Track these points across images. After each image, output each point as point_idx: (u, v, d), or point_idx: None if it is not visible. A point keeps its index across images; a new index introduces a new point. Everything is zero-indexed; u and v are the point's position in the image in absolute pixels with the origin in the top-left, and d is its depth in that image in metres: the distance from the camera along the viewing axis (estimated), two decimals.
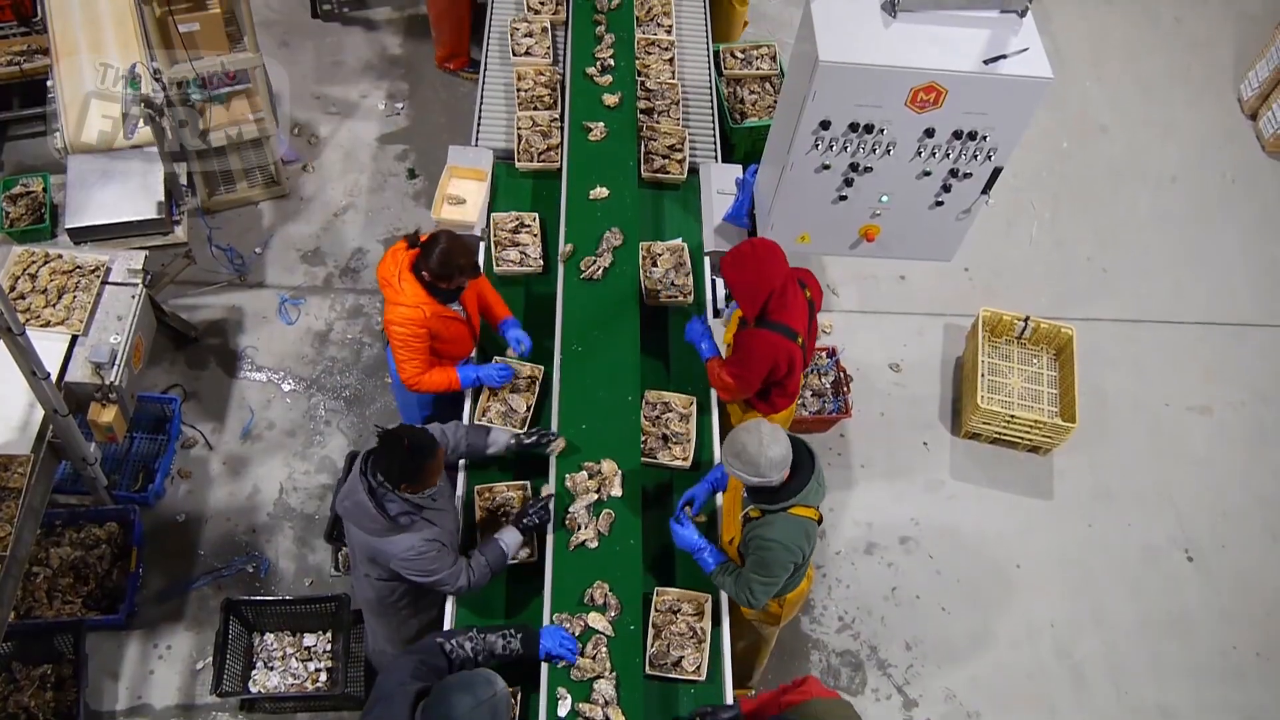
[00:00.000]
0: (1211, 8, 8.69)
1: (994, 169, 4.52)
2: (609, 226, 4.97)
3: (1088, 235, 7.18)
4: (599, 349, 4.61)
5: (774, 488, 3.78)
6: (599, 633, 3.91)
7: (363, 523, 3.80)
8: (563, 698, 3.77)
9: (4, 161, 6.65)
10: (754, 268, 4.26)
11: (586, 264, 4.85)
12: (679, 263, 5.13)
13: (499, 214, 5.24)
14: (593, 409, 4.45)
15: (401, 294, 4.29)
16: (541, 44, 5.95)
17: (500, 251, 5.12)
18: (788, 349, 4.38)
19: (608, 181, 5.14)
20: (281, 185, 6.62)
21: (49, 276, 5.01)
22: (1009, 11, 4.34)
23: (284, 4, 7.67)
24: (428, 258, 4.23)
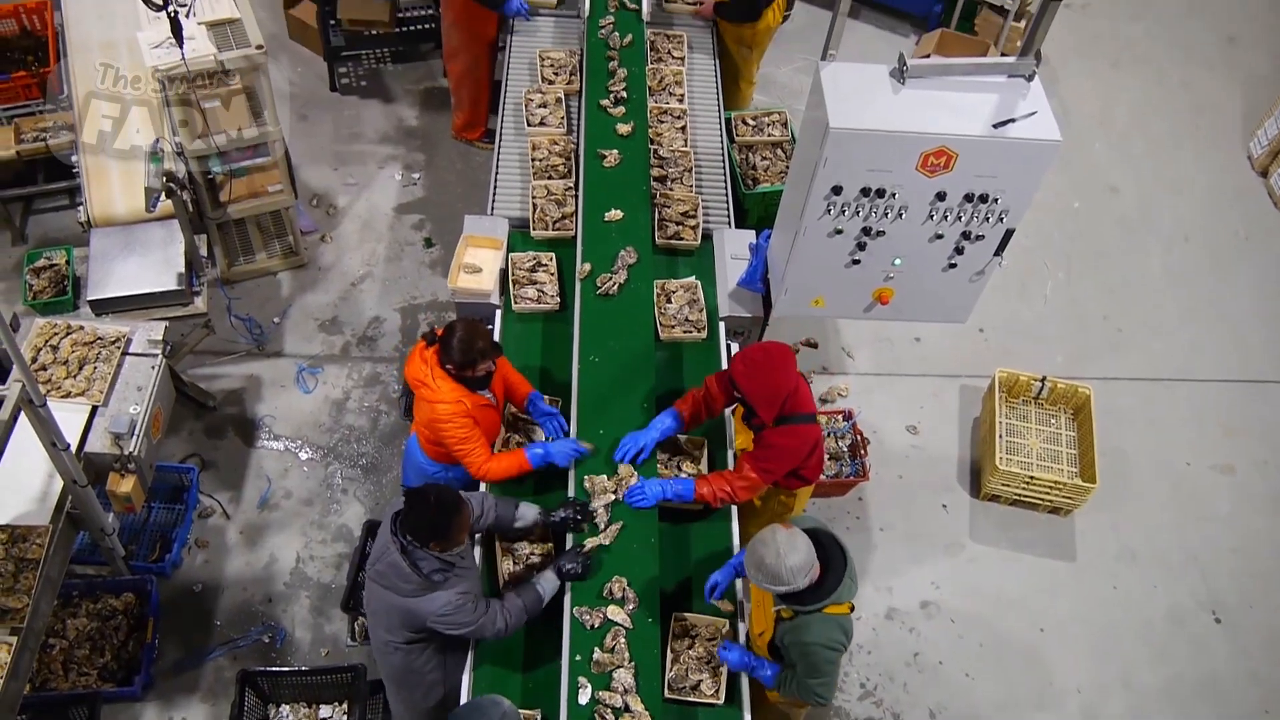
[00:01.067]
0: (1218, 68, 8.78)
1: (1006, 231, 4.55)
2: (624, 246, 5.15)
3: (1102, 294, 7.18)
4: (615, 360, 4.77)
5: (804, 591, 3.75)
6: (618, 624, 4.03)
7: (396, 585, 3.80)
8: (583, 687, 3.88)
9: (28, 235, 6.76)
10: (769, 373, 4.26)
11: (603, 280, 5.01)
12: (693, 299, 5.26)
13: (517, 254, 5.37)
14: (609, 416, 4.60)
15: (439, 392, 4.32)
16: (555, 114, 6.05)
17: (518, 289, 5.25)
18: (812, 433, 4.44)
19: (621, 204, 5.32)
20: (300, 255, 6.70)
21: (70, 348, 5.06)
22: (1016, 76, 4.39)
23: (303, 78, 7.83)
24: (449, 352, 4.26)
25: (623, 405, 4.62)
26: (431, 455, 4.75)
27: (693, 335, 5.15)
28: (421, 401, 4.45)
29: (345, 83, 7.83)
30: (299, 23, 7.90)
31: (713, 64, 6.59)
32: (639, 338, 4.87)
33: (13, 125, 6.45)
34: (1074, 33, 8.82)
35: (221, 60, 5.45)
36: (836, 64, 4.34)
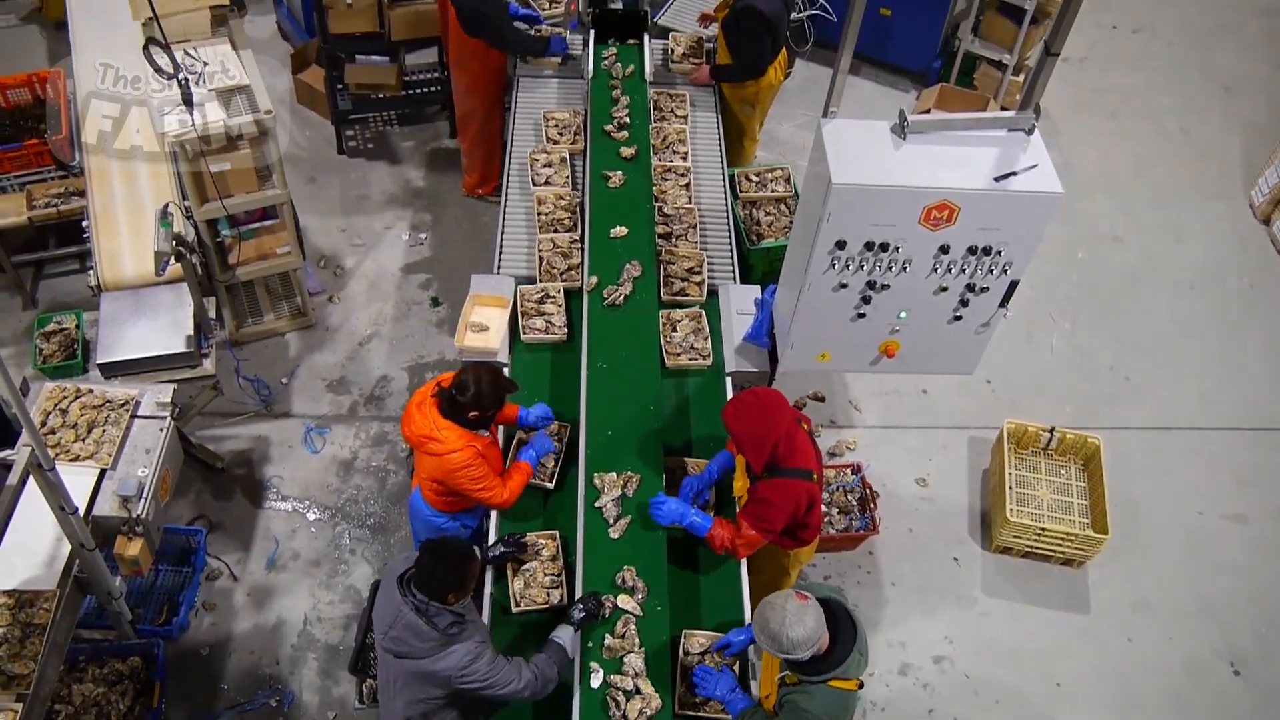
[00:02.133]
0: (1216, 117, 8.86)
1: (1010, 282, 4.55)
2: (629, 260, 5.42)
3: (1109, 344, 7.18)
4: (621, 366, 5.03)
5: (810, 660, 3.71)
6: (628, 613, 4.23)
7: (413, 647, 3.78)
8: (595, 671, 4.06)
9: (39, 299, 6.81)
10: (758, 416, 4.27)
11: (609, 292, 5.29)
12: (697, 328, 5.38)
13: (525, 287, 5.51)
14: (617, 418, 4.83)
15: (448, 442, 4.36)
16: (560, 173, 6.13)
17: (527, 320, 5.38)
18: (807, 490, 4.38)
19: (626, 222, 5.61)
20: (308, 316, 6.74)
21: (79, 411, 5.08)
22: (1016, 130, 4.43)
23: (311, 141, 7.93)
24: (465, 396, 4.32)
25: (629, 408, 4.87)
26: (438, 507, 4.76)
27: (698, 363, 5.26)
28: (426, 456, 4.47)
29: (352, 145, 7.93)
30: (307, 87, 8.02)
31: (715, 122, 6.67)
32: (644, 345, 5.15)
33: (24, 191, 6.53)
34: (1073, 86, 8.92)
35: (231, 126, 5.53)
36: (838, 121, 4.39)
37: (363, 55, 7.50)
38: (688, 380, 5.29)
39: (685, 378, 5.30)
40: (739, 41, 6.47)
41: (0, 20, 8.62)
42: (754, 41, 6.39)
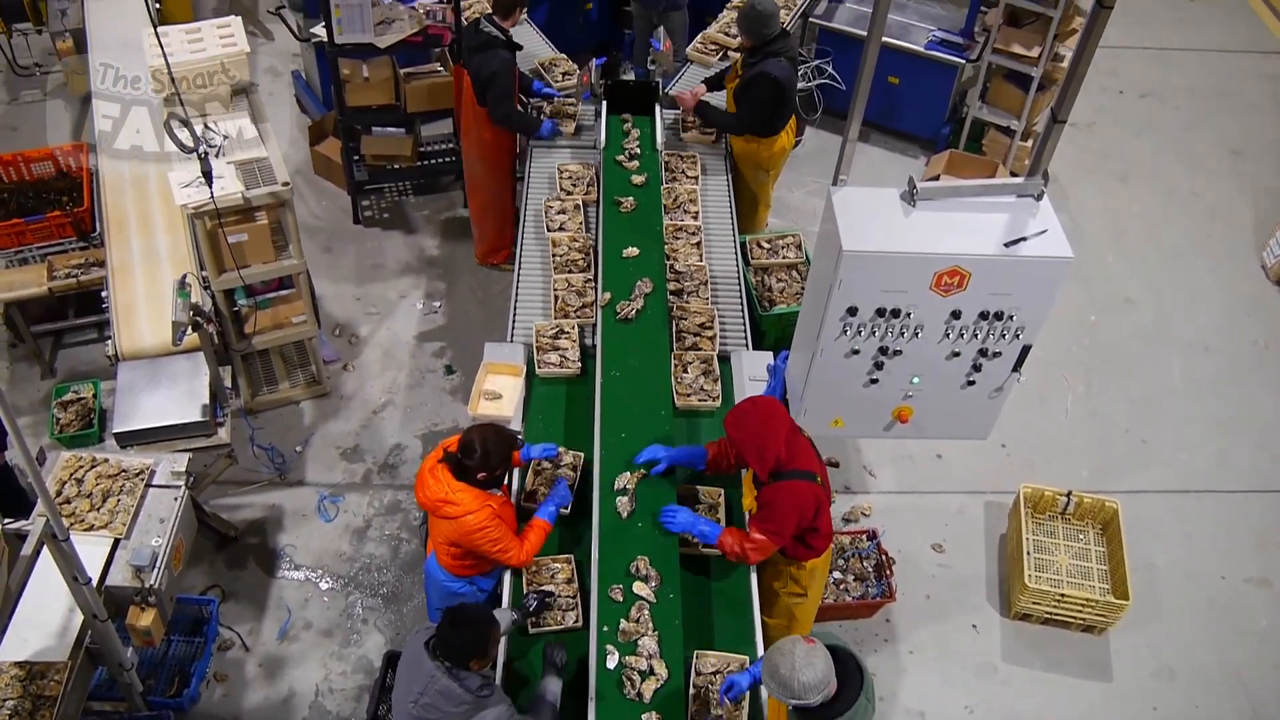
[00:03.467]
0: (1225, 180, 8.90)
1: (1023, 347, 4.55)
2: (640, 277, 5.69)
3: (1124, 406, 7.15)
4: (634, 374, 5.28)
5: (817, 706, 3.68)
6: (642, 599, 4.39)
7: (446, 713, 3.79)
8: (611, 653, 4.22)
9: (57, 368, 6.87)
10: (758, 423, 4.41)
11: (622, 307, 5.55)
12: (707, 370, 5.48)
13: (541, 323, 5.70)
14: (630, 422, 5.06)
15: (463, 504, 4.38)
16: (574, 220, 6.30)
17: (542, 355, 5.54)
18: (813, 491, 4.47)
19: (638, 243, 5.91)
20: (323, 384, 6.78)
21: (94, 480, 5.10)
22: (1025, 196, 4.46)
23: (327, 212, 8.04)
24: (472, 458, 4.36)
25: (641, 414, 5.10)
26: (454, 571, 4.75)
27: (708, 404, 5.36)
28: (442, 520, 4.47)
29: (368, 215, 8.03)
30: (324, 159, 8.15)
31: (726, 185, 6.75)
32: (655, 356, 5.38)
33: (46, 263, 6.63)
34: (1082, 150, 9.00)
35: (249, 198, 5.62)
36: (848, 188, 4.42)
37: (379, 127, 7.63)
38: (699, 422, 5.37)
39: (696, 419, 5.38)
40: (743, 100, 6.58)
41: (27, 95, 8.81)
42: (757, 103, 6.50)
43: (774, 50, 6.35)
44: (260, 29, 9.48)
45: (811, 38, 8.67)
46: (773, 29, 6.33)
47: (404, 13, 6.94)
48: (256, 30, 9.43)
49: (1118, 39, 9.76)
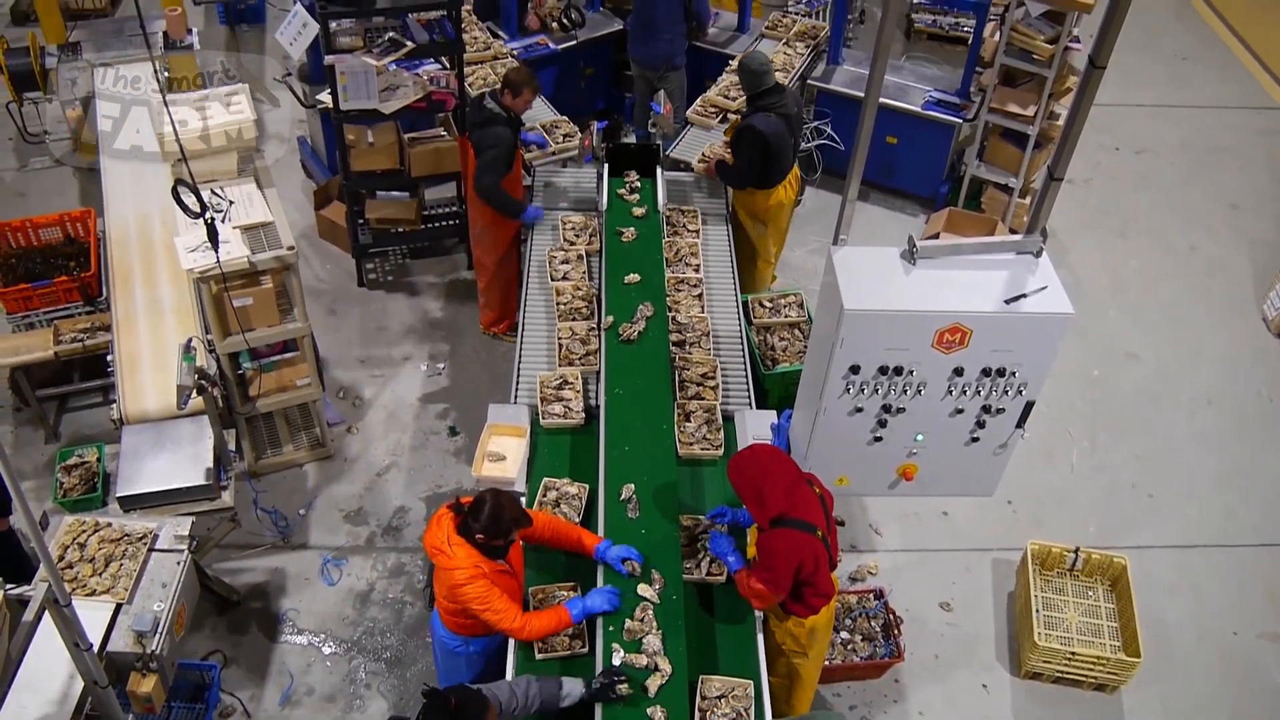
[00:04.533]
0: (1223, 234, 8.96)
1: (1026, 403, 4.57)
2: (641, 301, 5.95)
3: (1129, 461, 7.13)
4: (637, 392, 5.51)
5: None
6: (646, 600, 4.55)
7: None
8: (616, 651, 4.37)
9: (62, 432, 6.88)
10: (758, 470, 4.40)
11: (624, 329, 5.81)
12: (710, 419, 5.54)
13: (545, 374, 5.80)
14: (633, 436, 5.27)
15: (455, 559, 4.35)
16: (577, 269, 6.43)
17: (546, 406, 5.61)
18: (810, 543, 4.42)
19: (639, 270, 6.18)
20: (326, 447, 6.78)
21: (98, 545, 5.09)
22: (1025, 253, 4.50)
23: (332, 275, 8.10)
24: (479, 519, 4.32)
25: (643, 429, 5.31)
26: (453, 628, 4.70)
27: (710, 453, 5.42)
28: (440, 570, 4.44)
29: (372, 278, 8.09)
30: (329, 222, 8.23)
31: (727, 242, 6.81)
32: (656, 374, 5.62)
33: (52, 327, 6.67)
34: (1080, 206, 9.08)
35: (254, 262, 5.67)
36: (848, 247, 4.47)
37: (383, 191, 7.72)
38: (702, 470, 5.43)
39: (699, 468, 5.42)
40: (735, 152, 6.82)
41: (36, 162, 8.93)
42: (748, 155, 6.69)
43: (765, 105, 6.61)
44: (267, 96, 9.63)
45: (810, 99, 8.79)
46: (764, 83, 6.59)
47: (408, 79, 7.05)
48: (263, 97, 9.58)
49: (1112, 97, 9.90)
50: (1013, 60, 7.77)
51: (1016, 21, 7.60)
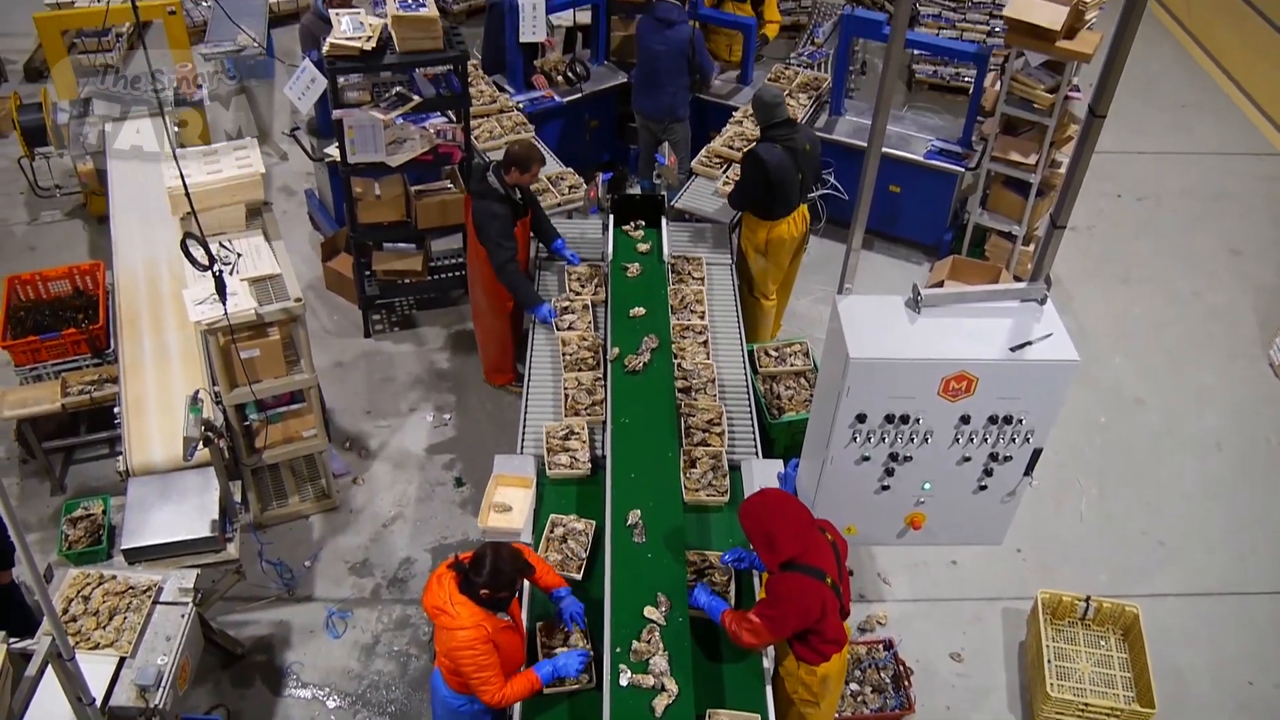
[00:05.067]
0: (1226, 279, 8.98)
1: (1034, 450, 4.55)
2: (646, 334, 6.10)
3: (1138, 508, 7.09)
4: (642, 421, 5.63)
5: None
6: (653, 622, 4.63)
7: None
8: (623, 671, 4.44)
9: (68, 484, 6.87)
10: (768, 514, 4.41)
11: (630, 360, 5.94)
12: (716, 465, 5.59)
13: (551, 424, 5.85)
14: (639, 463, 5.39)
15: (459, 618, 4.32)
16: (583, 319, 6.51)
17: (552, 456, 5.64)
18: (818, 589, 4.41)
19: (643, 303, 6.36)
20: (332, 498, 6.76)
21: (102, 598, 5.07)
22: (1029, 300, 4.51)
23: (339, 326, 8.13)
24: (480, 575, 4.30)
25: (649, 457, 5.43)
26: (454, 687, 4.66)
27: (716, 499, 5.46)
28: (441, 630, 4.41)
29: (379, 329, 8.12)
30: (335, 274, 8.28)
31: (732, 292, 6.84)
32: (661, 404, 5.75)
33: (59, 380, 6.70)
34: (1083, 253, 9.11)
35: (262, 314, 5.70)
36: (853, 296, 4.49)
37: (390, 243, 7.77)
38: (709, 516, 5.48)
39: (706, 514, 5.44)
40: (740, 175, 6.97)
41: (47, 215, 9.02)
42: (746, 177, 6.88)
43: (774, 136, 6.75)
44: (275, 150, 9.74)
45: None
46: (775, 116, 6.74)
47: (415, 132, 7.13)
48: (272, 151, 9.69)
49: (1113, 144, 9.99)
50: (1013, 109, 7.84)
51: (1016, 71, 7.68)
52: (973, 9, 10.51)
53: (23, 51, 10.56)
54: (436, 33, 6.69)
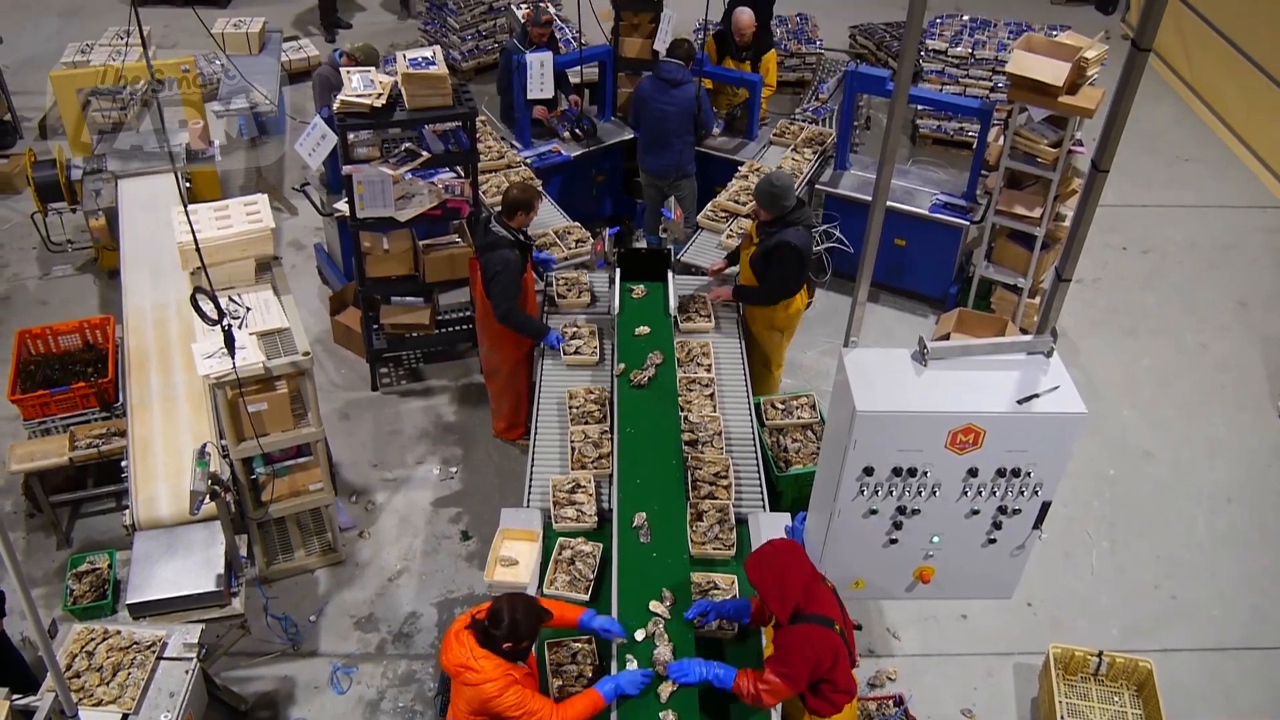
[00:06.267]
0: (1234, 331, 8.98)
1: (1042, 503, 4.53)
2: (651, 350, 6.36)
3: (1150, 561, 7.03)
4: (647, 431, 5.88)
5: None
6: (658, 615, 4.85)
7: None
8: (630, 660, 4.68)
9: (74, 538, 6.86)
10: (779, 566, 4.40)
11: (635, 375, 6.21)
12: (723, 519, 5.57)
13: (557, 477, 5.85)
14: (644, 470, 5.62)
15: (484, 672, 4.32)
16: (589, 344, 6.65)
17: (558, 510, 5.65)
18: (829, 638, 4.39)
19: (648, 322, 6.64)
20: (338, 552, 6.74)
21: (106, 653, 5.04)
22: (1035, 353, 4.52)
23: (346, 379, 8.16)
24: (500, 628, 4.33)
25: (655, 466, 5.65)
26: None
27: (722, 553, 5.45)
28: (463, 686, 4.38)
29: (386, 382, 8.14)
30: (343, 328, 8.32)
31: (739, 345, 6.85)
32: (666, 416, 5.99)
33: (68, 433, 6.71)
34: (1089, 306, 9.12)
35: (269, 368, 5.72)
36: (859, 349, 4.49)
37: (398, 297, 7.81)
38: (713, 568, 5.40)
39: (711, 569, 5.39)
40: (767, 272, 6.73)
41: (58, 270, 9.10)
42: (782, 271, 6.66)
43: (793, 220, 6.57)
44: (285, 204, 9.84)
45: (819, 203, 8.93)
46: (791, 201, 6.56)
47: (423, 187, 7.20)
48: (281, 206, 9.79)
49: (1117, 198, 10.05)
50: (1017, 164, 7.91)
51: (1020, 126, 7.75)
52: (975, 65, 10.65)
53: (38, 109, 10.72)
54: (445, 90, 6.79)
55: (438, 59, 6.81)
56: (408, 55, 6.81)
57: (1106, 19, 13.93)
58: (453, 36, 11.82)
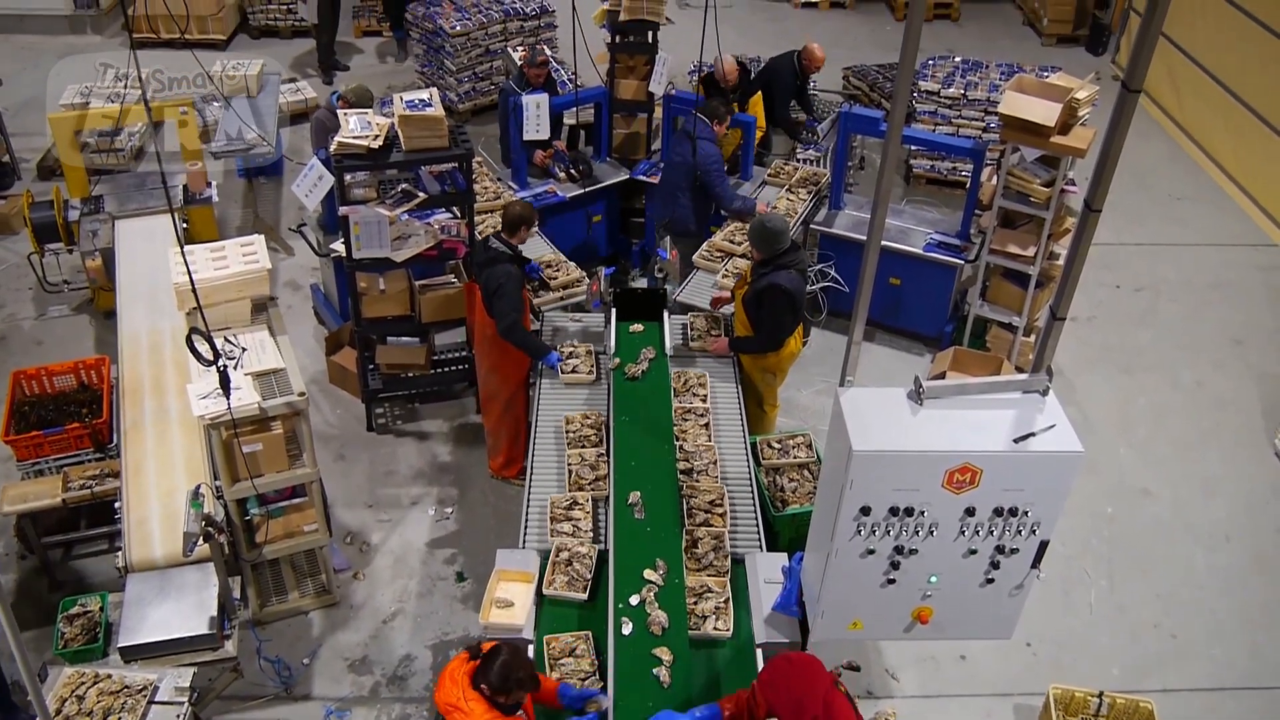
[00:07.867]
0: (1229, 368, 8.99)
1: (1040, 542, 4.50)
2: (645, 346, 6.72)
3: (1149, 600, 6.99)
4: (641, 419, 6.23)
5: None
6: (652, 583, 5.12)
7: None
8: (625, 623, 4.93)
9: (66, 581, 6.80)
10: (795, 683, 4.20)
11: (630, 368, 6.55)
12: (717, 546, 5.59)
13: (556, 495, 5.96)
14: (638, 454, 5.94)
15: (472, 715, 4.27)
16: (586, 363, 6.77)
17: (555, 525, 5.74)
18: None
19: (643, 321, 6.99)
20: (332, 594, 6.68)
21: (96, 698, 5.00)
22: (1031, 392, 4.51)
23: (341, 420, 8.14)
24: (487, 672, 4.29)
25: (648, 452, 5.97)
26: None
27: (717, 580, 5.46)
28: None
29: (382, 422, 8.12)
30: (339, 368, 8.31)
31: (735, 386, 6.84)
32: (658, 408, 6.33)
33: (61, 474, 6.67)
34: (1084, 344, 9.14)
35: (265, 408, 5.71)
36: (855, 389, 4.49)
37: (394, 337, 7.82)
38: (715, 653, 5.17)
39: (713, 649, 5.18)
40: (759, 316, 6.72)
41: (54, 310, 9.10)
42: (776, 316, 6.65)
43: (785, 262, 6.58)
44: (281, 245, 9.86)
45: (814, 243, 8.97)
46: (784, 243, 6.57)
47: (419, 228, 7.23)
48: (278, 246, 9.81)
49: (1110, 236, 10.11)
50: (1010, 203, 7.95)
51: (1013, 166, 7.81)
52: (968, 106, 10.74)
53: (36, 150, 10.78)
54: (442, 131, 6.83)
55: (434, 101, 6.85)
56: (405, 97, 6.87)
57: (1096, 60, 14.07)
58: (449, 79, 11.92)
